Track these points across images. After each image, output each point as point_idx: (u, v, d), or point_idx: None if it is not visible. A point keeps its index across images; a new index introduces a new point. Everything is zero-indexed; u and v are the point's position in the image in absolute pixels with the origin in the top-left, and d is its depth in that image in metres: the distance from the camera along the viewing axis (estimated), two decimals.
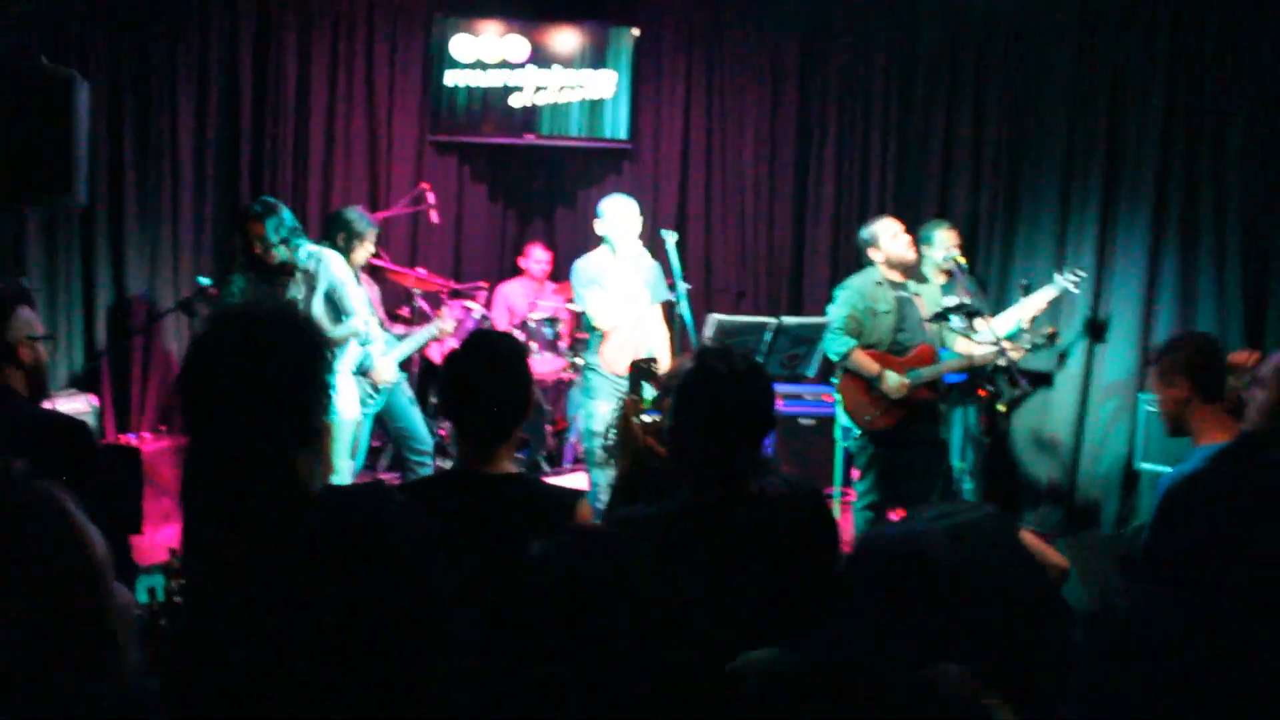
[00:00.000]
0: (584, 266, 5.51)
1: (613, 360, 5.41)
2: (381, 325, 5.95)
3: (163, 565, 4.01)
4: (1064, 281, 6.12)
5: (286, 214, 5.11)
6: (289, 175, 7.48)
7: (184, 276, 7.08)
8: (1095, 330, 6.66)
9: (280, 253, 5.04)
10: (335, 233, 5.68)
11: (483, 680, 1.22)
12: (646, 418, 2.67)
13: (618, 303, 5.39)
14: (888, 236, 5.65)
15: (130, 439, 6.35)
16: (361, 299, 5.38)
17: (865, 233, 5.77)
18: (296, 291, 5.09)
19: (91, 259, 6.88)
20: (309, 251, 5.16)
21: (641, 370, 2.84)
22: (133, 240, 6.98)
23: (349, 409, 5.33)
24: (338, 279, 5.21)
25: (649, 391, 2.83)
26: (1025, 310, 6.11)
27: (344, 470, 5.32)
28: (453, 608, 1.46)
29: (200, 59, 7.15)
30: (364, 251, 5.72)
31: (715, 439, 2.33)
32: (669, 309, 5.70)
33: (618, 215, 5.47)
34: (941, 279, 6.14)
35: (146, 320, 6.89)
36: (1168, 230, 6.43)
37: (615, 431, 2.71)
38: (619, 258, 5.48)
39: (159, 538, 5.83)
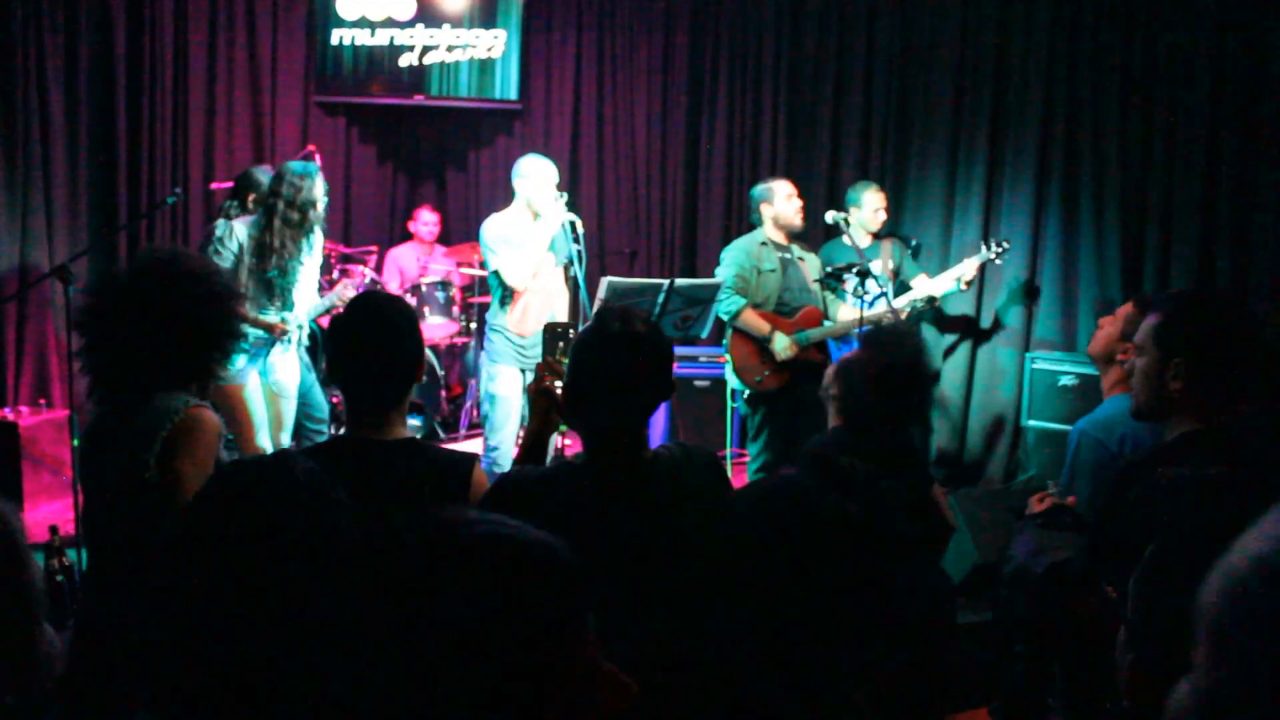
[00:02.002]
0: (495, 224, 5.25)
1: (519, 322, 5.23)
2: None
3: (44, 544, 3.90)
4: (989, 253, 6.06)
5: None
6: (168, 137, 7.24)
7: (58, 241, 6.83)
8: (981, 281, 6.76)
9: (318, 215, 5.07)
10: (245, 193, 5.49)
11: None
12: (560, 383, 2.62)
13: (531, 262, 5.20)
14: (782, 196, 5.73)
15: (6, 413, 6.12)
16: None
17: (760, 189, 5.82)
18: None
19: None
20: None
21: (557, 333, 2.79)
22: (1, 203, 6.69)
23: (290, 380, 5.16)
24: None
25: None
26: (959, 273, 6.04)
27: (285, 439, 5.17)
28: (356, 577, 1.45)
29: (69, 15, 6.86)
30: None
31: (610, 398, 2.29)
32: (564, 271, 5.62)
33: (538, 174, 5.26)
34: (868, 240, 6.17)
35: (19, 288, 6.62)
36: (1050, 187, 6.60)
37: (528, 393, 2.66)
38: (533, 217, 5.27)
39: (39, 514, 5.66)
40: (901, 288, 6.10)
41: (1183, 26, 6.20)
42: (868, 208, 6.16)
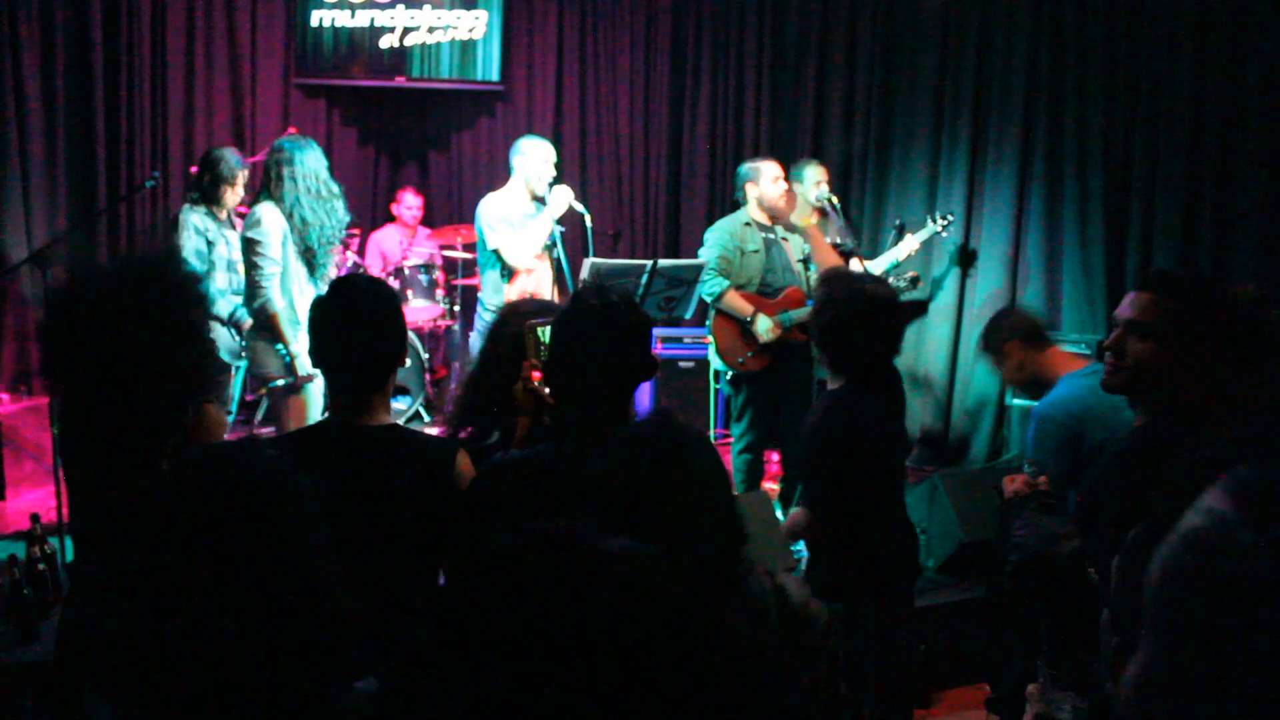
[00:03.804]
0: (496, 203, 5.28)
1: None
2: None
3: (26, 532, 3.88)
4: (935, 225, 6.15)
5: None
6: (147, 121, 7.18)
7: (36, 225, 6.77)
8: (966, 260, 6.80)
9: None
10: (202, 174, 5.42)
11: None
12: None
13: (535, 243, 5.24)
14: (768, 178, 5.68)
15: None
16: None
17: (746, 168, 5.76)
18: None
19: None
20: None
21: (535, 332, 2.76)
22: None
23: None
24: None
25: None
26: (899, 253, 6.13)
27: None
28: (330, 563, 1.45)
29: None
30: (233, 196, 5.39)
31: (591, 374, 2.28)
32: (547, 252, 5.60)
33: (538, 154, 5.33)
34: (814, 218, 6.12)
35: None
36: (1033, 167, 6.59)
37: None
38: (530, 196, 5.32)
39: (22, 502, 5.64)
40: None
41: (1166, 7, 6.20)
42: (809, 180, 6.11)
